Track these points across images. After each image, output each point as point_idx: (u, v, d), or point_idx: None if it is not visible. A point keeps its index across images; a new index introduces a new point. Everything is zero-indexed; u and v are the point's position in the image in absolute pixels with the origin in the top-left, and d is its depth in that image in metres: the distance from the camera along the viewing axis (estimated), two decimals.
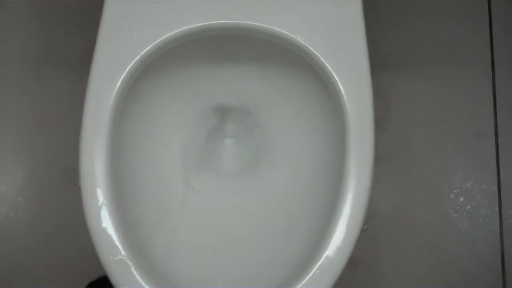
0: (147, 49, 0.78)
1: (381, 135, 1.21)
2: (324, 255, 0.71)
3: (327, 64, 0.77)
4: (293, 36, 0.78)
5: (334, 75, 0.77)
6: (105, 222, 0.70)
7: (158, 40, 0.78)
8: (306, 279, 0.69)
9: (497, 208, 1.19)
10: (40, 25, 1.28)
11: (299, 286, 0.69)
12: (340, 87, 0.77)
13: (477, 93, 1.25)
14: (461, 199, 1.19)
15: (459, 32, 1.28)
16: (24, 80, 1.25)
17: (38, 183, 1.20)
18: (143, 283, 0.69)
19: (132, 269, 0.69)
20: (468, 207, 1.19)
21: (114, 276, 0.69)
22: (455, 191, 1.20)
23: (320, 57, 0.78)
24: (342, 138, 0.76)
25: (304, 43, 0.78)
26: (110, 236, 0.70)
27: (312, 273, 0.70)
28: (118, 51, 0.78)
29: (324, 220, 0.74)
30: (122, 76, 0.77)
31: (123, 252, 0.69)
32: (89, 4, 1.27)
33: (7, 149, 1.22)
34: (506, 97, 1.24)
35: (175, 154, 0.94)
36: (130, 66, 0.77)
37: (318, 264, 0.70)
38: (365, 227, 1.17)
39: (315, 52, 0.78)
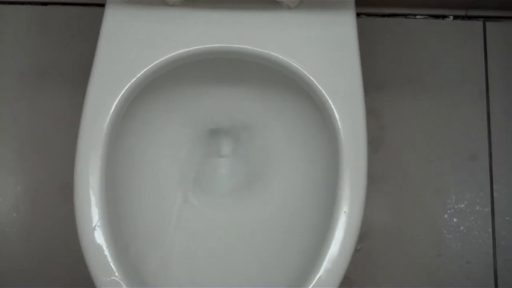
0: (144, 70, 0.79)
1: (375, 155, 1.22)
2: (317, 277, 0.71)
3: (320, 88, 0.78)
4: (286, 59, 0.80)
5: (328, 99, 0.78)
6: (99, 244, 0.71)
7: (155, 62, 0.79)
8: None
9: (490, 230, 1.20)
10: (39, 37, 1.28)
11: None
12: (333, 108, 0.78)
13: (471, 115, 1.25)
14: (455, 219, 1.20)
15: (454, 54, 1.29)
16: (21, 93, 1.25)
17: (33, 198, 1.20)
18: None
19: None
20: (462, 228, 1.20)
21: None
22: (448, 211, 1.20)
23: (314, 81, 0.79)
24: (336, 159, 0.77)
25: (297, 66, 0.79)
26: (104, 256, 0.71)
27: None
28: (115, 71, 0.79)
29: (317, 242, 0.74)
30: (119, 97, 0.78)
31: (116, 273, 0.70)
32: (89, 14, 1.28)
33: (3, 163, 1.22)
34: (500, 119, 1.25)
35: (171, 173, 0.94)
36: (127, 87, 0.78)
37: (311, 285, 0.71)
38: (358, 247, 1.17)
39: (308, 75, 0.79)
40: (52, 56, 1.27)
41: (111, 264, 0.70)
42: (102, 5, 0.85)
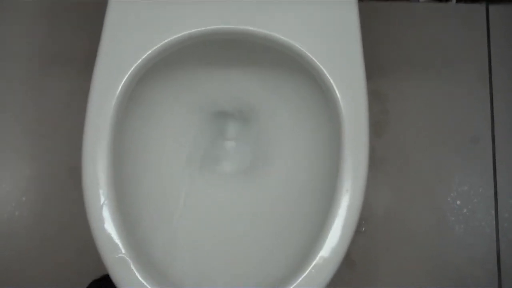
0: (149, 52, 0.80)
1: (379, 138, 1.23)
2: (319, 255, 0.72)
3: (322, 68, 0.79)
4: (290, 40, 0.80)
5: (330, 79, 0.79)
6: (106, 222, 0.72)
7: (160, 44, 0.80)
8: (301, 278, 0.71)
9: (493, 212, 1.21)
10: (45, 25, 1.30)
11: (294, 285, 0.71)
12: (336, 91, 0.79)
13: (474, 98, 1.26)
14: (458, 202, 1.21)
15: (457, 38, 1.29)
16: (28, 79, 1.27)
17: (42, 182, 1.21)
18: (143, 281, 0.71)
19: (132, 266, 0.71)
20: (465, 210, 1.20)
21: (115, 273, 0.71)
22: (451, 194, 1.21)
23: (316, 61, 0.79)
24: (338, 141, 0.78)
25: (300, 47, 0.80)
26: (111, 235, 0.72)
27: (307, 272, 0.71)
28: (121, 54, 0.80)
29: (319, 221, 0.75)
30: (124, 79, 0.78)
31: (123, 250, 0.71)
32: (93, 3, 1.29)
33: (11, 148, 1.23)
34: (503, 102, 1.26)
35: (177, 155, 0.95)
36: (132, 69, 0.79)
37: (313, 263, 0.72)
38: (363, 229, 1.18)
39: (311, 56, 0.80)
40: (58, 44, 1.28)
41: (118, 241, 0.71)
42: None
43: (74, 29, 1.29)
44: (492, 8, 1.31)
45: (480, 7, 1.31)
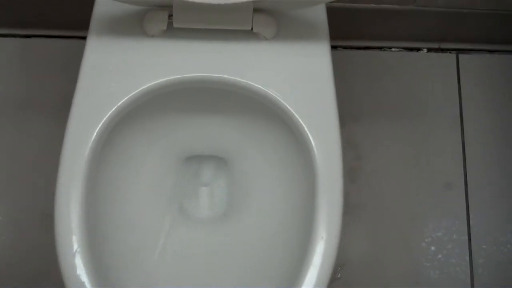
0: (125, 99, 0.80)
1: (352, 184, 1.24)
2: None
3: (297, 116, 0.80)
4: (264, 89, 0.82)
5: (304, 127, 0.80)
6: (78, 270, 0.71)
7: (134, 92, 0.80)
8: None
9: (467, 257, 1.21)
10: (21, 69, 1.29)
11: None
12: (310, 138, 0.79)
13: (446, 144, 1.28)
14: (432, 248, 1.21)
15: (429, 85, 1.32)
16: (2, 123, 1.26)
17: (14, 227, 1.19)
18: None
19: None
20: (439, 256, 1.21)
21: None
22: (426, 240, 1.22)
23: (290, 109, 0.81)
24: (312, 187, 0.78)
25: (274, 95, 0.81)
26: (83, 283, 0.71)
27: None
28: (96, 100, 0.80)
29: (294, 267, 0.75)
30: (100, 125, 0.78)
31: None
32: (71, 47, 1.30)
33: None
34: (474, 148, 1.28)
35: (151, 201, 0.95)
36: (107, 115, 0.79)
37: None
38: (338, 275, 1.18)
39: (285, 104, 0.81)
40: (34, 88, 1.28)
41: None
42: (84, 38, 0.87)
43: (50, 74, 1.29)
44: (462, 57, 1.35)
45: (451, 56, 1.35)
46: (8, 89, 1.28)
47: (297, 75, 0.84)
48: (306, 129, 0.80)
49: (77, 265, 0.71)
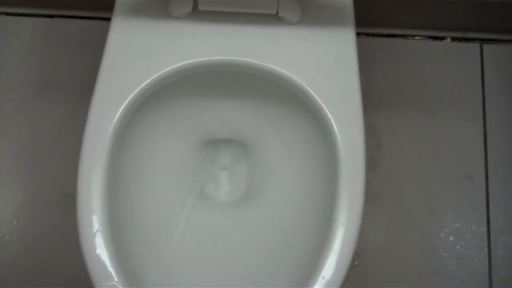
0: (148, 81, 0.80)
1: (373, 173, 1.23)
2: None
3: (321, 102, 0.80)
4: (288, 74, 0.81)
5: (328, 113, 0.79)
6: (99, 249, 0.72)
7: (158, 73, 0.80)
8: None
9: (486, 249, 1.20)
10: (44, 49, 1.30)
11: None
12: (334, 125, 0.79)
13: (468, 135, 1.27)
14: (451, 238, 1.21)
15: (452, 75, 1.31)
16: (24, 104, 1.26)
17: (34, 207, 1.20)
18: None
19: None
20: (458, 246, 1.20)
21: None
22: (445, 230, 1.21)
23: (315, 95, 0.80)
24: (334, 174, 0.78)
25: (299, 81, 0.81)
26: (103, 262, 0.71)
27: None
28: (120, 81, 0.80)
29: (314, 253, 0.75)
30: (123, 106, 0.79)
31: (116, 278, 0.70)
32: (94, 28, 1.30)
33: (4, 172, 1.22)
34: (496, 140, 1.27)
35: (173, 184, 0.95)
36: (130, 97, 0.79)
37: None
38: (356, 262, 1.18)
39: (309, 90, 0.80)
40: (57, 68, 1.28)
41: (111, 269, 0.71)
42: (108, 19, 0.87)
43: (73, 55, 1.29)
44: (486, 47, 1.33)
45: (475, 46, 1.33)
46: (30, 70, 1.29)
47: (322, 61, 0.83)
48: (329, 116, 0.79)
49: (98, 245, 0.72)
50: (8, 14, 1.32)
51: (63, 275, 1.16)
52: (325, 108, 0.80)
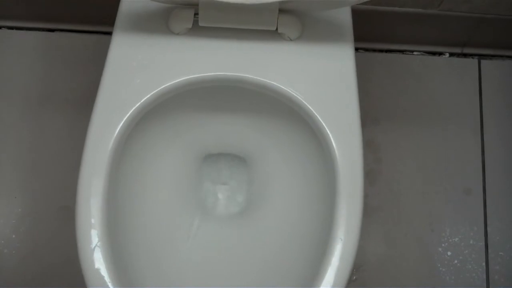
0: (148, 96, 0.80)
1: (371, 187, 1.24)
2: None
3: (319, 118, 0.80)
4: (287, 89, 0.82)
5: (326, 128, 0.80)
6: (98, 264, 0.71)
7: (159, 88, 0.81)
8: None
9: (484, 264, 1.21)
10: (44, 63, 1.30)
11: None
12: (332, 140, 0.79)
13: (466, 149, 1.28)
14: (449, 253, 1.21)
15: (450, 90, 1.32)
16: (24, 117, 1.27)
17: (33, 220, 1.20)
18: None
19: None
20: (456, 261, 1.21)
21: None
22: (443, 245, 1.21)
23: (313, 110, 0.81)
24: (332, 188, 0.78)
25: (297, 96, 0.81)
26: (103, 277, 0.71)
27: None
28: (120, 96, 0.81)
29: (312, 268, 0.75)
30: (123, 120, 0.79)
31: None
32: (94, 42, 1.31)
33: (3, 185, 1.22)
34: (494, 154, 1.27)
35: (172, 198, 0.96)
36: (130, 112, 0.80)
37: None
38: (354, 277, 1.18)
39: (307, 105, 0.81)
40: (57, 81, 1.28)
41: (109, 285, 0.71)
42: (108, 33, 0.87)
43: (73, 69, 1.29)
44: (484, 62, 1.34)
45: (473, 61, 1.34)
46: (31, 83, 1.29)
47: (321, 76, 0.83)
48: (328, 131, 0.80)
49: (97, 260, 0.72)
50: (9, 27, 1.32)
51: None
52: (323, 123, 0.80)
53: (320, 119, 0.80)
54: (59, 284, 1.16)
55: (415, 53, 1.34)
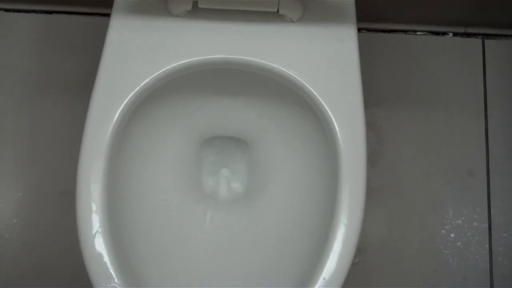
0: (147, 80, 0.80)
1: (373, 169, 1.23)
2: None
3: (321, 100, 0.79)
4: (289, 72, 0.81)
5: (328, 111, 0.79)
6: (99, 249, 0.71)
7: (158, 72, 0.80)
8: None
9: (487, 246, 1.20)
10: (43, 45, 1.29)
11: None
12: (334, 122, 0.79)
13: (469, 131, 1.27)
14: (452, 235, 1.20)
15: (454, 71, 1.30)
16: (23, 101, 1.26)
17: (34, 205, 1.20)
18: None
19: None
20: (459, 243, 1.20)
21: None
22: (446, 227, 1.21)
23: (315, 93, 0.80)
24: (335, 172, 0.78)
25: (299, 79, 0.80)
26: (104, 263, 0.71)
27: None
28: (120, 80, 0.80)
29: (315, 252, 0.75)
30: (123, 104, 0.78)
31: (116, 280, 0.70)
32: (93, 24, 1.30)
33: (3, 170, 1.22)
34: (498, 136, 1.26)
35: (173, 182, 0.95)
36: (131, 95, 0.79)
37: None
38: (356, 260, 1.18)
39: (310, 88, 0.80)
40: (56, 65, 1.28)
41: (111, 270, 0.70)
42: (107, 15, 0.86)
43: (72, 52, 1.28)
44: (488, 42, 1.32)
45: (477, 41, 1.32)
46: (29, 66, 1.28)
47: (323, 58, 0.82)
48: (330, 113, 0.79)
49: (98, 246, 0.72)
50: (6, 10, 1.31)
51: (63, 273, 1.16)
52: (325, 105, 0.79)
53: (322, 101, 0.80)
54: (61, 269, 1.16)
55: (418, 33, 1.32)
